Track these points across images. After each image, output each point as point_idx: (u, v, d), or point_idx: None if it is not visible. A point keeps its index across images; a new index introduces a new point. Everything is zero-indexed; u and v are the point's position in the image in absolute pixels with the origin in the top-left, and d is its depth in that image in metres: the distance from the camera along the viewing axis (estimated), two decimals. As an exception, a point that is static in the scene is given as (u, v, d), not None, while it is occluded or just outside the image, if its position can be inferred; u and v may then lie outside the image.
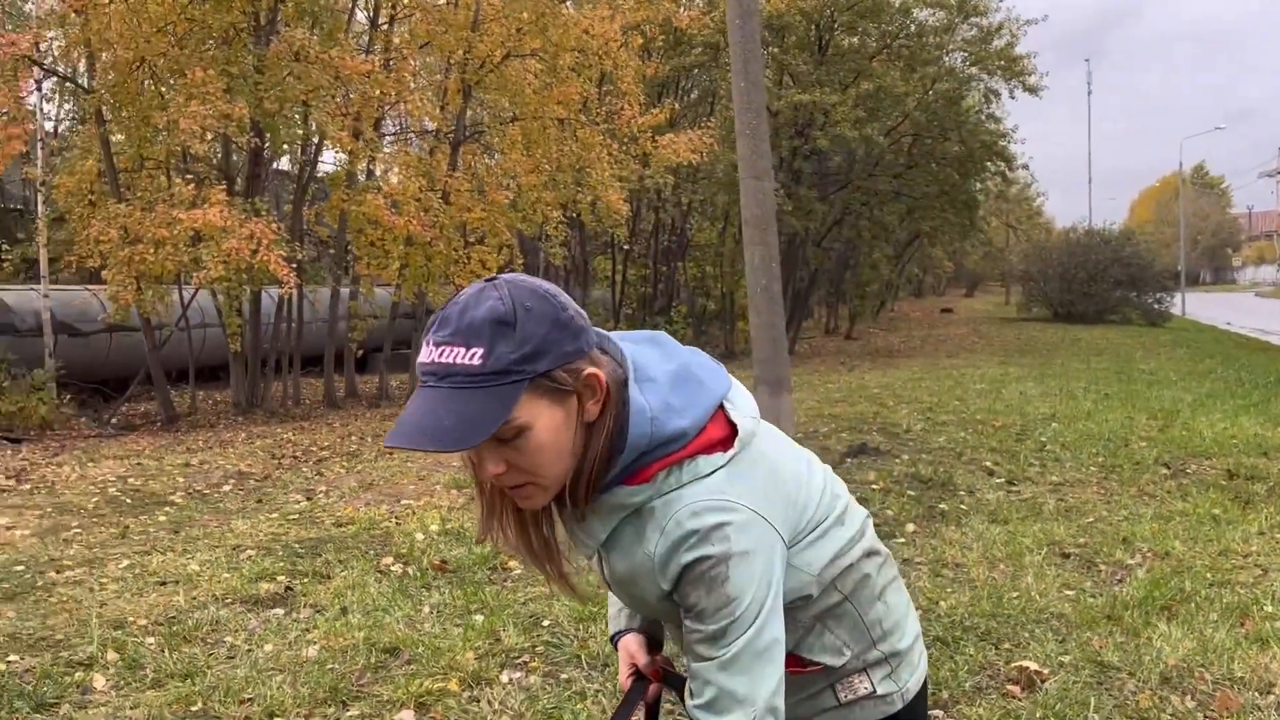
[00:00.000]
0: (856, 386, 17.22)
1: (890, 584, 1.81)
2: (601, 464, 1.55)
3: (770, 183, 9.20)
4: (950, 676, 4.47)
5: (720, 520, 1.51)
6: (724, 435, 1.60)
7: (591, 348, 1.54)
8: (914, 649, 1.82)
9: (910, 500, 7.83)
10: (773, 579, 1.54)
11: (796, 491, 1.66)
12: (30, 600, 5.67)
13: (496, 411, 1.43)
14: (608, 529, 1.60)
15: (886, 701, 1.76)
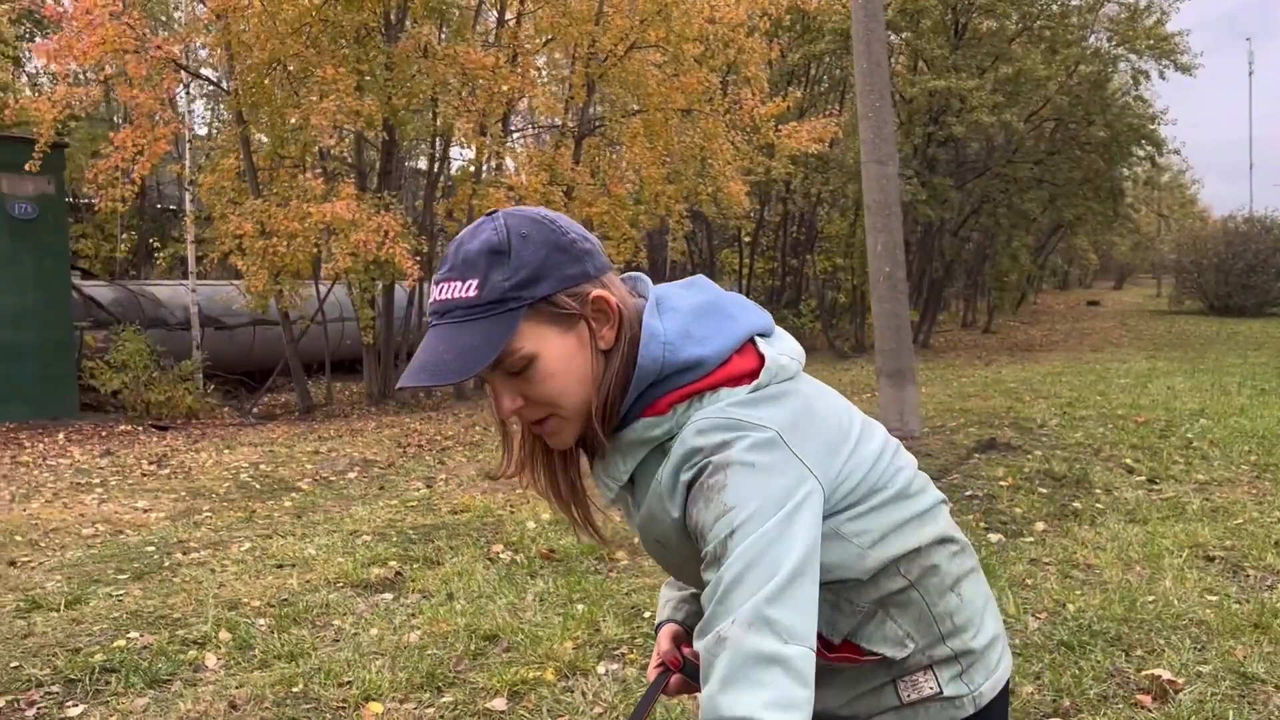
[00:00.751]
0: (992, 381, 16.62)
1: (966, 576, 1.62)
2: (617, 391, 1.45)
3: (894, 167, 8.89)
4: (1073, 683, 4.18)
5: (726, 437, 1.37)
6: (752, 369, 1.46)
7: (601, 272, 1.46)
8: (991, 650, 1.63)
9: (1041, 498, 7.45)
10: (793, 502, 1.33)
11: (840, 443, 1.49)
12: (156, 580, 5.87)
13: (495, 339, 1.38)
14: (630, 466, 1.49)
15: (955, 705, 1.57)
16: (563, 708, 3.91)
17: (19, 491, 8.70)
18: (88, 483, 9.12)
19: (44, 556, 6.58)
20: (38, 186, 14.14)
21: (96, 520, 7.56)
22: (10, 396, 13.78)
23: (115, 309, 16.70)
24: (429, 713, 3.90)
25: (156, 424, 13.70)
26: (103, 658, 4.55)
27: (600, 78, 15.04)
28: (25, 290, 14.11)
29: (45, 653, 4.64)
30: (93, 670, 4.43)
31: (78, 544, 6.88)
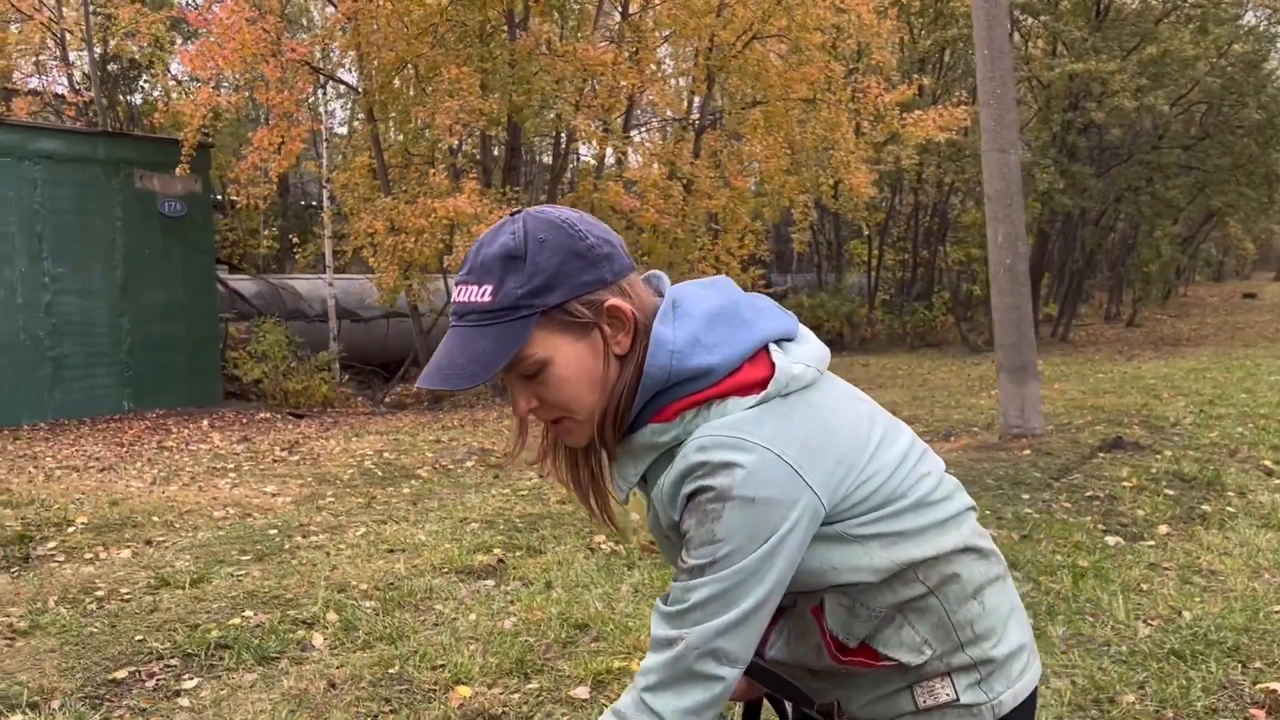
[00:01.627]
0: (1130, 377, 15.94)
1: (991, 584, 1.58)
2: (628, 398, 1.48)
3: (1016, 155, 8.62)
4: (1179, 694, 4.00)
5: (728, 459, 1.38)
6: (763, 378, 1.46)
7: (618, 278, 1.47)
8: (1014, 660, 1.59)
9: (1167, 500, 7.12)
10: (777, 535, 1.38)
11: (853, 453, 1.47)
12: (275, 562, 6.15)
13: (506, 347, 1.41)
14: (640, 470, 1.51)
15: (972, 713, 1.55)
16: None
17: (160, 475, 9.22)
18: (223, 467, 9.60)
19: (177, 537, 6.96)
20: (186, 185, 14.92)
21: (227, 503, 7.96)
22: (161, 385, 14.60)
23: (258, 301, 17.49)
24: (514, 698, 3.99)
25: (294, 412, 14.30)
26: (219, 634, 4.80)
27: (720, 70, 15.00)
28: (174, 285, 14.91)
29: (168, 628, 4.92)
30: (209, 646, 4.68)
31: (208, 525, 7.25)
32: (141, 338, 14.48)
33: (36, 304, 13.47)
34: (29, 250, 13.39)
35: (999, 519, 6.63)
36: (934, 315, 27.66)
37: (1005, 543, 6.08)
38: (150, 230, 14.62)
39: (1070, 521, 6.55)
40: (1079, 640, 4.60)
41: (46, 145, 13.74)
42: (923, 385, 16.03)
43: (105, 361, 14.17)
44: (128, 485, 8.70)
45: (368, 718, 3.85)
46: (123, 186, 14.32)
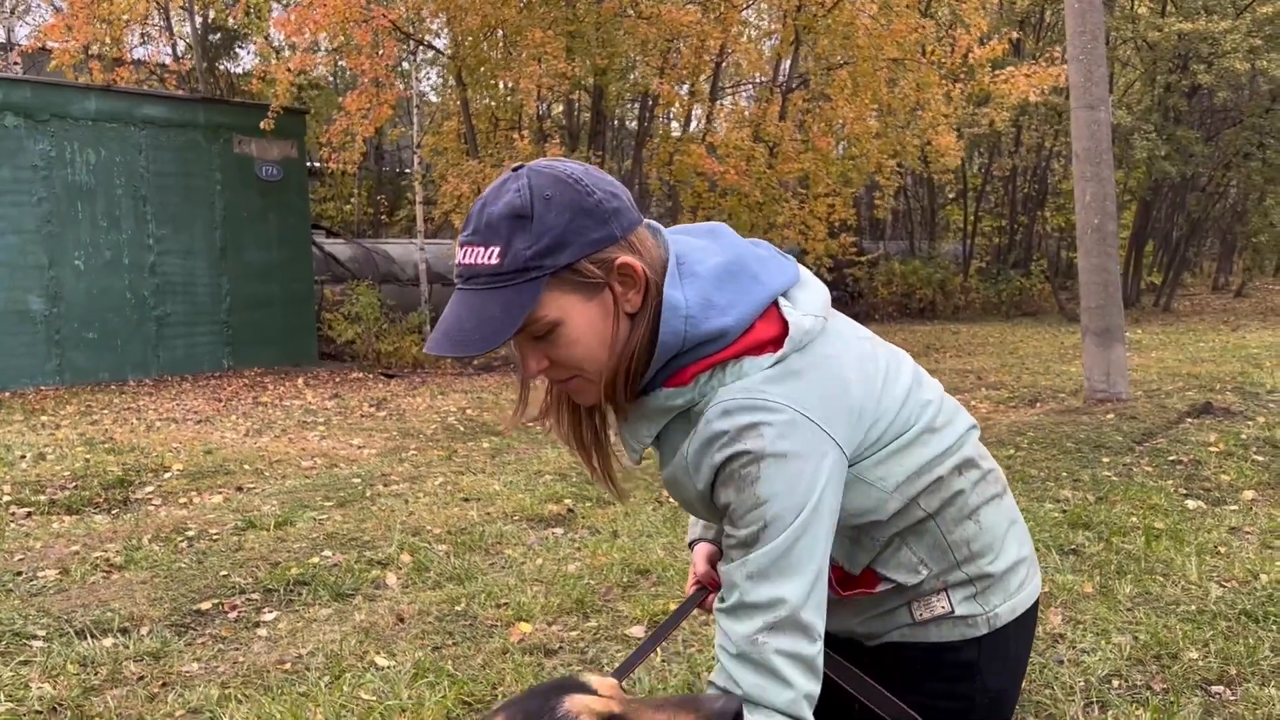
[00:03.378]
0: (1233, 346, 15.39)
1: (988, 502, 1.61)
2: (640, 359, 1.46)
3: (1106, 113, 8.38)
4: (1244, 653, 3.93)
5: (752, 420, 1.39)
6: (775, 335, 1.46)
7: (627, 233, 1.43)
8: (1012, 574, 1.62)
9: (1255, 466, 6.90)
10: (817, 489, 1.39)
11: (865, 399, 1.49)
12: (356, 508, 6.37)
13: (516, 311, 1.38)
14: (653, 432, 1.52)
15: (967, 623, 1.58)
16: (697, 639, 4.03)
17: (253, 427, 9.58)
18: (313, 421, 9.93)
19: (267, 484, 7.25)
20: (282, 151, 15.34)
21: (315, 454, 8.25)
22: (258, 343, 15.11)
23: (351, 265, 17.92)
24: (572, 635, 4.10)
25: (385, 372, 14.66)
26: (298, 571, 5.02)
27: (808, 30, 14.80)
28: (271, 246, 15.38)
29: (251, 565, 5.16)
30: (288, 582, 4.90)
31: (296, 474, 7.53)
32: (240, 298, 14.98)
33: (141, 264, 14.02)
34: (134, 212, 13.93)
35: (1075, 481, 6.52)
36: (1031, 283, 26.98)
37: (1080, 504, 5.99)
38: (248, 194, 15.08)
39: (1149, 485, 6.41)
40: (1146, 598, 4.54)
41: (150, 111, 14.23)
42: (1013, 353, 15.71)
43: (206, 320, 14.70)
44: (222, 436, 9.07)
45: (431, 649, 4.00)
46: (222, 151, 14.78)
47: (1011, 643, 1.62)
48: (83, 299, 13.48)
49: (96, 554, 5.43)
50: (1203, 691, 3.67)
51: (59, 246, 13.27)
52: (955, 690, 1.60)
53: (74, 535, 5.91)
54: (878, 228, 31.42)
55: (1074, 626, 4.22)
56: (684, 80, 14.08)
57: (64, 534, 5.98)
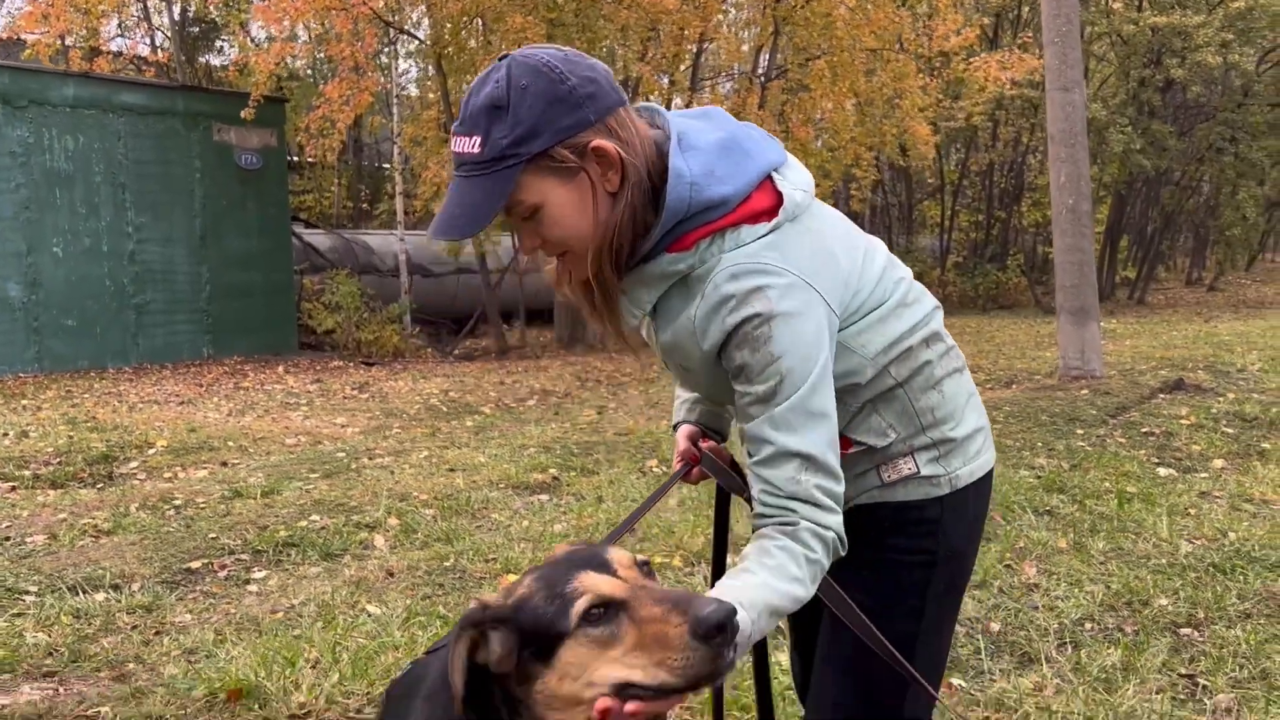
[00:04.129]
0: (1206, 334, 15.60)
1: (950, 375, 1.74)
2: (627, 233, 1.56)
3: (1080, 95, 8.53)
4: (1212, 599, 4.05)
5: (758, 284, 1.51)
6: (770, 205, 1.59)
7: (604, 116, 1.52)
8: (971, 440, 1.75)
9: (1225, 438, 7.05)
10: (822, 342, 1.53)
11: (849, 269, 1.63)
12: (342, 478, 6.43)
13: (495, 197, 1.50)
14: (654, 297, 1.63)
15: (931, 483, 1.71)
16: (681, 584, 4.11)
17: (235, 408, 9.60)
18: (295, 403, 9.97)
19: (251, 460, 7.29)
20: (262, 139, 15.31)
21: (299, 432, 8.29)
22: (238, 332, 15.08)
23: (331, 255, 17.90)
24: (560, 586, 4.18)
25: (366, 361, 14.67)
26: (286, 534, 5.07)
27: (786, 21, 14.90)
28: (250, 235, 15.35)
29: (239, 528, 5.21)
30: (277, 544, 4.96)
31: (280, 451, 7.57)
32: (220, 286, 14.95)
33: (120, 252, 13.97)
34: (113, 200, 13.89)
35: (1050, 450, 6.65)
36: (1008, 277, 27.22)
37: (1054, 471, 6.11)
38: (228, 182, 15.04)
39: (1122, 454, 6.54)
40: (1118, 553, 4.66)
41: (129, 99, 14.19)
42: (990, 341, 15.89)
43: (185, 309, 14.66)
44: (205, 416, 9.09)
45: (422, 599, 4.07)
46: (201, 139, 14.75)
47: (970, 505, 1.75)
48: (61, 286, 13.42)
49: (84, 521, 5.46)
50: (1171, 633, 3.79)
51: (37, 233, 13.22)
52: (920, 545, 1.72)
53: (60, 506, 5.94)
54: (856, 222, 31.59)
55: (1048, 577, 4.33)
56: (665, 70, 14.15)
57: (50, 505, 6.00)
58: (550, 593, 1.34)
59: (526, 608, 1.36)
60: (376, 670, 3.20)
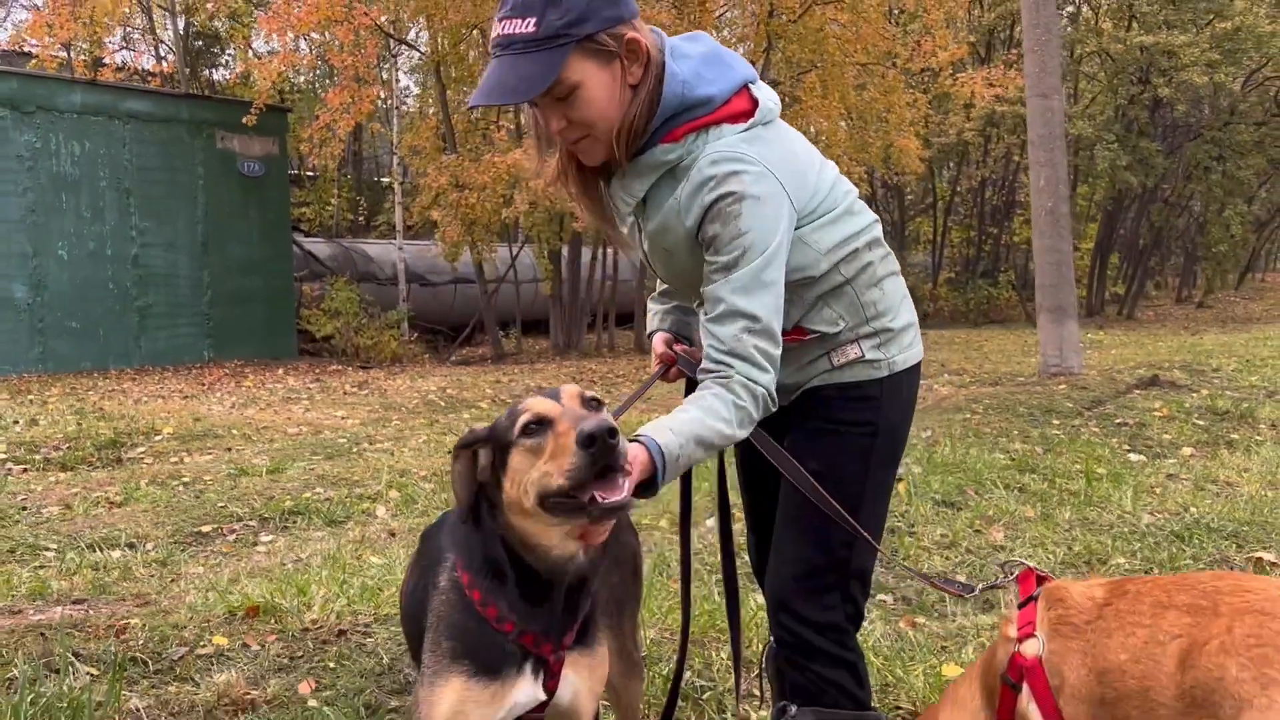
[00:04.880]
0: (1189, 344, 15.88)
1: (889, 275, 2.04)
2: (642, 120, 1.84)
3: (1058, 102, 8.83)
4: (1167, 559, 4.30)
5: (735, 169, 1.81)
6: (747, 108, 1.89)
7: (634, 15, 1.83)
8: (905, 333, 2.05)
9: (1195, 429, 7.31)
10: (780, 227, 1.82)
11: (808, 171, 1.93)
12: (344, 460, 6.67)
13: (550, 69, 1.75)
14: (645, 186, 1.92)
15: (874, 366, 2.01)
16: (668, 544, 4.36)
17: (238, 402, 9.84)
18: (297, 398, 10.21)
19: (254, 446, 7.52)
20: (264, 148, 15.61)
21: (301, 423, 8.52)
22: (239, 335, 15.33)
23: (331, 263, 18.16)
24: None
25: (364, 365, 14.92)
26: (291, 504, 5.31)
27: (779, 36, 15.24)
28: (252, 241, 15.63)
29: (247, 499, 5.45)
30: (283, 512, 5.20)
31: (283, 439, 7.81)
32: (221, 291, 15.21)
33: (124, 256, 14.24)
34: (118, 204, 14.16)
35: (1025, 437, 6.91)
36: (999, 292, 27.54)
37: (1029, 455, 6.36)
38: (230, 189, 15.33)
39: (1095, 442, 6.80)
40: (1083, 522, 4.90)
41: (134, 106, 14.49)
42: (978, 350, 16.19)
43: (187, 312, 14.92)
44: (209, 409, 9.33)
45: (422, 554, 4.31)
46: (205, 146, 15.05)
47: (904, 387, 2.06)
48: (66, 288, 13.68)
49: (96, 494, 5.70)
50: (1126, 579, 4.04)
51: (43, 236, 13.48)
52: (864, 418, 2.02)
53: (72, 483, 6.18)
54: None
55: (1014, 539, 4.58)
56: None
57: (63, 482, 6.24)
58: (510, 413, 1.66)
59: (498, 427, 1.68)
60: (382, 598, 3.45)
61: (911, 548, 4.42)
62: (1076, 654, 1.68)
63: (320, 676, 2.76)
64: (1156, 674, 1.55)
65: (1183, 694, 1.51)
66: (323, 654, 2.91)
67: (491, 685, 1.69)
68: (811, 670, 2.00)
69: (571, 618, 1.74)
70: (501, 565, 1.69)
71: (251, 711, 2.52)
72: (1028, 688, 1.71)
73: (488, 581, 1.70)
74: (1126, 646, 1.61)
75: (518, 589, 1.69)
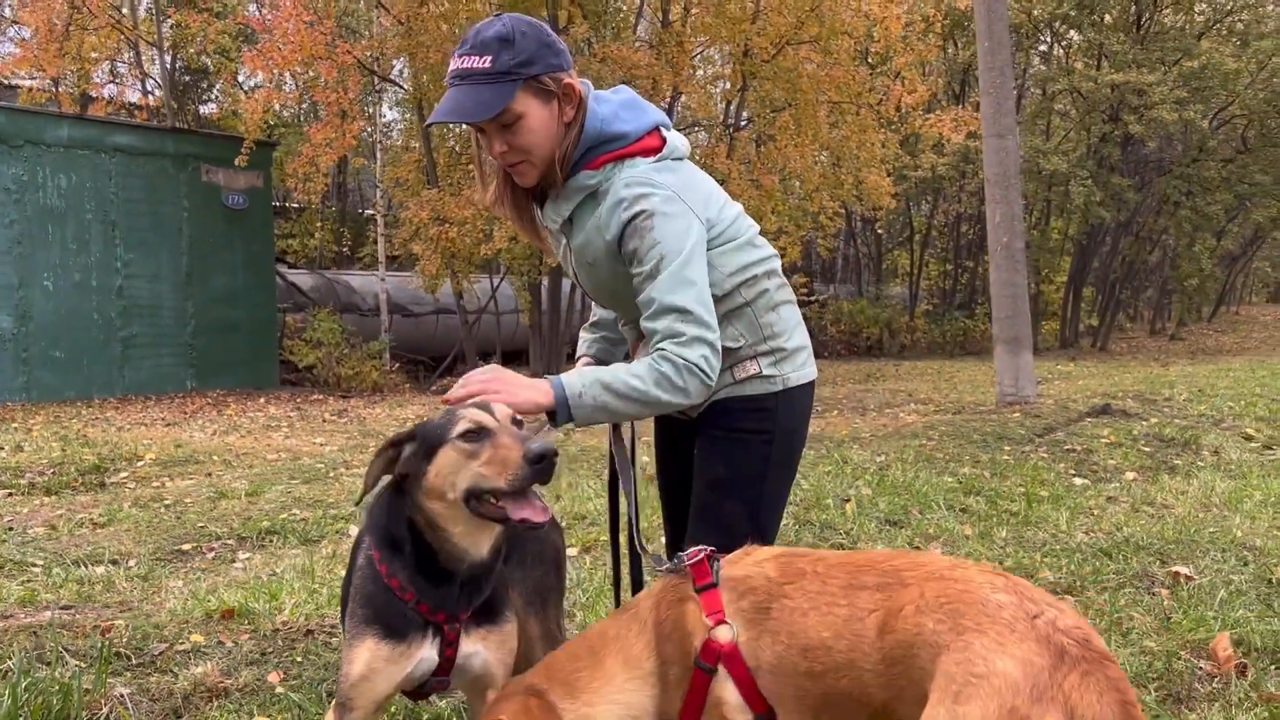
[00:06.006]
0: (1154, 375, 16.23)
1: (785, 303, 2.38)
2: (569, 155, 2.21)
3: (1013, 141, 9.21)
4: (1090, 573, 4.58)
5: (645, 191, 2.17)
6: (657, 146, 2.27)
7: (570, 68, 2.21)
8: (799, 354, 2.38)
9: (1141, 454, 7.63)
10: (691, 238, 2.15)
11: (710, 202, 2.27)
12: (321, 484, 6.91)
13: (502, 98, 2.12)
14: (571, 207, 2.28)
15: (770, 381, 2.33)
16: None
17: (220, 429, 10.07)
18: (277, 425, 10.45)
19: (234, 471, 7.76)
20: (249, 181, 15.91)
21: (280, 449, 8.76)
22: (221, 366, 15.56)
23: (313, 294, 18.42)
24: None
25: (345, 395, 15.15)
26: (268, 524, 5.56)
27: (753, 76, 15.68)
28: (236, 272, 15.89)
29: (226, 519, 5.69)
30: (260, 532, 5.44)
31: (262, 464, 8.05)
32: (204, 321, 15.44)
33: (109, 287, 14.47)
34: (103, 236, 14.41)
35: (975, 462, 7.21)
36: (975, 324, 27.97)
37: (975, 479, 6.65)
38: (214, 221, 15.60)
39: (1042, 466, 7.10)
40: (1018, 541, 5.19)
41: (120, 139, 14.77)
42: (948, 381, 16.51)
43: (170, 343, 15.14)
44: (191, 435, 9.56)
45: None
46: (189, 179, 15.33)
47: (797, 401, 2.38)
48: (51, 319, 13.90)
49: (80, 515, 5.94)
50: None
51: (29, 267, 13.71)
52: (762, 426, 2.34)
53: (57, 505, 6.40)
54: (828, 271, 32.46)
55: (950, 554, 4.86)
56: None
57: (47, 505, 6.47)
58: (447, 417, 2.01)
59: (427, 427, 2.04)
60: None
61: (852, 562, 4.70)
62: (769, 635, 1.88)
63: (288, 669, 3.03)
64: (860, 645, 1.78)
65: (884, 657, 1.75)
66: (291, 650, 3.18)
67: (399, 647, 2.00)
68: None
69: (468, 599, 2.05)
70: (403, 542, 2.01)
71: (225, 698, 2.79)
72: (724, 670, 1.90)
73: (392, 555, 2.02)
74: (828, 624, 1.82)
75: (415, 565, 2.01)
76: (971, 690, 1.60)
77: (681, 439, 2.47)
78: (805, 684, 1.84)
